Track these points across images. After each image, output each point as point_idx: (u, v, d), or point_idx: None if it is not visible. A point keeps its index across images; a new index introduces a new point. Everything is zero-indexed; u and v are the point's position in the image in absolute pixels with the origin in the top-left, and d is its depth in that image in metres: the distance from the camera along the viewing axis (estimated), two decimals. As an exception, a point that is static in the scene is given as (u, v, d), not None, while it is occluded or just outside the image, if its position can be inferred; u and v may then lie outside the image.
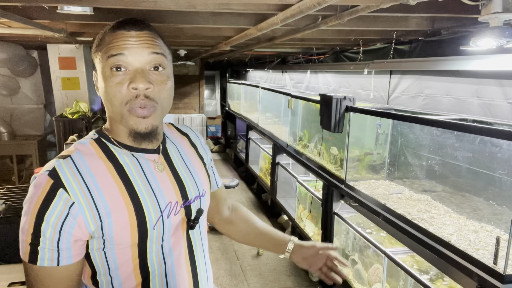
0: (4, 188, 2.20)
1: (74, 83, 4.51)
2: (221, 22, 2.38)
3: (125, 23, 0.83)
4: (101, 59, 0.83)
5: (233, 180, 4.58)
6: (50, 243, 0.78)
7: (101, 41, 0.84)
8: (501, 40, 1.57)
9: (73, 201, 0.79)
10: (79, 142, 0.90)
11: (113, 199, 0.82)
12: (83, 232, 0.80)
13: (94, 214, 0.80)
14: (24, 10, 2.07)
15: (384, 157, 2.82)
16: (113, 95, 0.82)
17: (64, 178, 0.79)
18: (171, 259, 0.91)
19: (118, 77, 0.81)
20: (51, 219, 0.77)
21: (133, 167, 0.87)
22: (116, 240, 0.83)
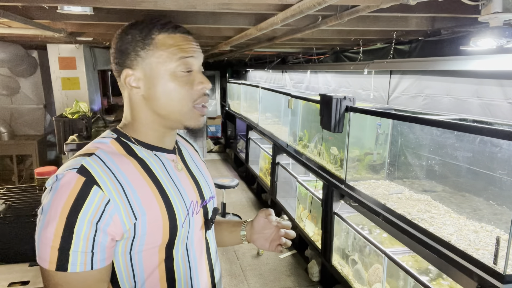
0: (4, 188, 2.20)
1: (74, 83, 4.51)
2: (221, 22, 2.38)
3: (178, 26, 0.86)
4: (162, 60, 0.83)
5: (233, 180, 4.58)
6: (84, 245, 0.73)
7: (149, 41, 0.83)
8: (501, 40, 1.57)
9: (109, 198, 0.75)
10: (97, 141, 0.86)
11: (146, 197, 0.81)
12: (118, 231, 0.77)
13: (128, 212, 0.77)
14: (24, 10, 2.07)
15: (384, 157, 2.82)
16: (184, 95, 0.85)
17: (96, 175, 0.76)
18: (194, 261, 0.91)
19: (188, 78, 0.85)
20: (85, 219, 0.72)
21: (157, 165, 0.87)
22: (148, 239, 0.80)
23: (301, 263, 3.64)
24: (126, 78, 0.84)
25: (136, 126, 0.88)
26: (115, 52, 0.86)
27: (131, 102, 0.87)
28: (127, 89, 0.86)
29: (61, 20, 2.31)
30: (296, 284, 3.29)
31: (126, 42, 0.84)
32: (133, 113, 0.88)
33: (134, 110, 0.87)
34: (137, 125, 0.88)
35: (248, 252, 3.84)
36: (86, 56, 4.51)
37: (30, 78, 5.02)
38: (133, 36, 0.83)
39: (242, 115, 6.41)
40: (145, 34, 0.83)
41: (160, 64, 0.83)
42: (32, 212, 1.86)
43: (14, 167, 5.02)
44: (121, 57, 0.84)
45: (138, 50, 0.83)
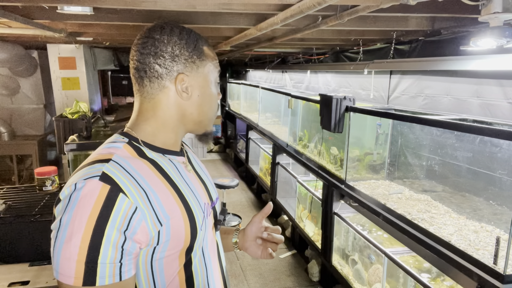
0: (4, 188, 2.20)
1: (74, 83, 4.51)
2: (221, 22, 2.38)
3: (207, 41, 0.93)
4: (210, 71, 0.90)
5: (233, 180, 4.58)
6: (113, 256, 0.70)
7: (201, 51, 0.88)
8: (501, 40, 1.57)
9: (136, 206, 0.73)
10: (110, 146, 0.83)
11: (168, 202, 0.79)
12: (144, 239, 0.75)
13: (153, 218, 0.75)
14: (24, 10, 2.07)
15: (384, 157, 2.82)
16: (215, 103, 0.94)
17: (120, 182, 0.73)
18: (210, 263, 0.92)
19: (218, 88, 0.95)
20: (113, 229, 0.70)
21: (172, 168, 0.86)
22: (171, 245, 0.79)
23: (301, 263, 3.64)
24: (180, 83, 0.85)
25: (157, 129, 0.87)
26: (162, 53, 0.83)
27: (167, 105, 0.86)
28: (171, 93, 0.85)
29: (61, 20, 2.31)
30: (296, 284, 3.29)
31: (181, 47, 0.85)
32: (163, 116, 0.86)
33: (166, 113, 0.86)
34: (160, 127, 0.87)
35: (248, 252, 3.84)
36: (86, 56, 4.51)
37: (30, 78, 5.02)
38: (188, 43, 0.85)
39: (242, 115, 6.41)
40: (196, 43, 0.87)
41: (210, 74, 0.90)
42: (32, 212, 1.86)
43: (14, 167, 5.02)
44: (173, 61, 0.84)
45: (195, 58, 0.86)
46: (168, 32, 0.85)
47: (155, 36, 0.84)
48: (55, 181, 2.17)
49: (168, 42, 0.84)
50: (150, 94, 0.86)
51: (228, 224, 4.31)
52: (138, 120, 0.87)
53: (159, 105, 0.86)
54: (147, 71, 0.84)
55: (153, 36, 0.84)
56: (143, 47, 0.84)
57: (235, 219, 4.46)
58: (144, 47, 0.84)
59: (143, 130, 0.86)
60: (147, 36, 0.85)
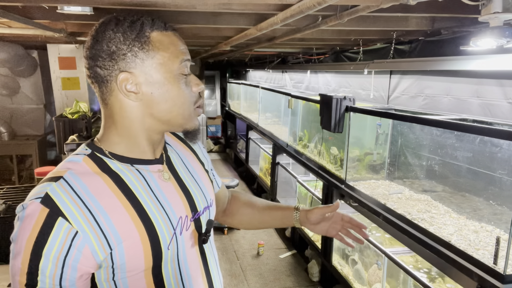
0: (4, 188, 2.20)
1: (74, 83, 4.51)
2: (221, 22, 2.38)
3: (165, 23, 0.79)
4: (165, 61, 0.76)
5: (233, 180, 4.58)
6: (51, 281, 0.68)
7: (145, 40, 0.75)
8: (501, 40, 1.57)
9: (76, 230, 0.69)
10: (70, 160, 0.77)
11: (122, 222, 0.73)
12: (91, 264, 0.71)
13: (101, 241, 0.70)
14: (24, 10, 2.07)
15: (384, 157, 2.82)
16: (186, 98, 0.80)
17: (61, 204, 0.69)
18: (189, 280, 0.84)
19: (187, 80, 0.81)
20: (51, 254, 0.67)
21: (137, 181, 0.78)
22: (129, 267, 0.74)
23: (301, 263, 3.64)
24: (123, 83, 0.75)
25: (120, 136, 0.79)
26: (99, 54, 0.74)
27: (120, 109, 0.77)
28: (120, 95, 0.76)
29: (61, 20, 2.31)
30: (296, 284, 3.29)
31: (117, 41, 0.74)
32: (121, 121, 0.78)
33: (123, 118, 0.78)
34: (123, 134, 0.79)
35: (248, 252, 3.84)
36: (86, 56, 4.51)
37: (30, 78, 5.02)
38: (125, 34, 0.74)
39: (242, 115, 6.41)
40: (138, 31, 0.75)
41: (162, 66, 0.76)
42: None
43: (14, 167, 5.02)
44: (111, 60, 0.74)
45: (136, 51, 0.74)
46: (104, 27, 0.75)
47: (92, 35, 0.76)
48: (55, 181, 2.17)
49: (103, 39, 0.74)
50: (104, 100, 0.78)
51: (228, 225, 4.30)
52: (104, 129, 0.81)
53: (114, 111, 0.78)
54: (92, 75, 0.77)
55: (92, 36, 0.76)
56: (85, 50, 0.77)
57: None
58: (86, 50, 0.77)
59: (108, 140, 0.80)
60: (88, 38, 0.77)
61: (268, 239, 4.13)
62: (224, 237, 4.17)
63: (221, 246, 3.97)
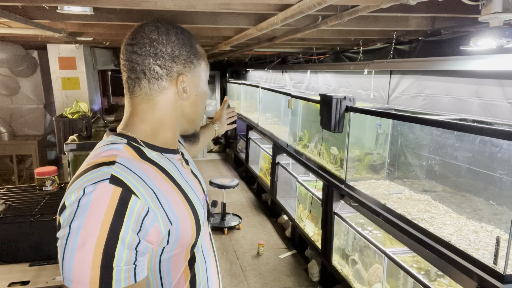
0: (4, 188, 2.20)
1: (74, 83, 4.51)
2: (221, 22, 2.38)
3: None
4: (204, 69, 0.92)
5: (233, 180, 4.58)
6: (127, 258, 0.69)
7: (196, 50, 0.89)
8: (501, 40, 1.57)
9: (148, 207, 0.72)
10: (110, 148, 0.81)
11: (175, 201, 0.80)
12: (157, 239, 0.74)
13: (164, 218, 0.75)
14: (24, 10, 2.07)
15: (384, 157, 2.82)
16: (205, 102, 0.96)
17: (131, 184, 0.72)
18: (208, 255, 0.94)
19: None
20: (128, 231, 0.69)
21: (172, 168, 0.86)
22: (179, 243, 0.80)
23: (301, 263, 3.64)
24: (181, 83, 0.85)
25: (153, 130, 0.86)
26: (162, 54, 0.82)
27: (166, 105, 0.85)
28: (170, 93, 0.85)
29: (61, 20, 2.31)
30: (296, 284, 3.29)
31: (180, 47, 0.84)
32: (163, 116, 0.86)
33: (164, 114, 0.86)
34: (159, 128, 0.86)
35: (248, 252, 3.84)
36: (86, 56, 4.51)
37: (30, 78, 5.02)
38: (185, 43, 0.85)
39: (242, 115, 6.41)
40: (191, 42, 0.87)
41: (203, 72, 0.91)
42: (32, 212, 1.86)
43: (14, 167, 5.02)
44: (173, 61, 0.83)
45: (192, 58, 0.87)
46: (165, 32, 0.83)
47: (152, 36, 0.82)
48: (55, 181, 2.17)
49: (168, 43, 0.82)
50: (149, 96, 0.84)
51: (228, 224, 4.31)
52: (133, 121, 0.86)
53: (158, 106, 0.85)
54: (146, 72, 0.82)
55: (150, 37, 0.82)
56: (140, 48, 0.82)
57: (235, 219, 4.46)
58: (142, 48, 0.81)
59: (141, 131, 0.85)
60: (143, 37, 0.82)
61: (268, 239, 4.13)
62: (224, 237, 4.17)
63: (221, 246, 3.97)
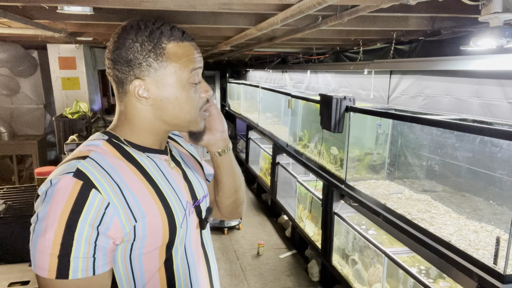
0: (4, 188, 2.20)
1: (74, 83, 4.51)
2: (221, 22, 2.38)
3: (184, 32, 0.85)
4: (175, 71, 0.83)
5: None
6: (85, 250, 0.71)
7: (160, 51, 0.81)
8: (501, 40, 1.57)
9: (108, 202, 0.74)
10: (89, 143, 0.84)
11: (144, 198, 0.80)
12: (118, 234, 0.75)
13: (128, 214, 0.76)
14: (24, 10, 2.07)
15: (384, 157, 2.82)
16: (192, 104, 0.86)
17: (94, 178, 0.74)
18: (193, 261, 0.91)
19: (196, 87, 0.87)
20: (86, 223, 0.71)
21: (152, 166, 0.86)
22: (148, 241, 0.80)
23: (301, 263, 3.64)
24: (136, 89, 0.82)
25: (132, 130, 0.86)
26: (118, 59, 0.81)
27: (133, 109, 0.85)
28: (132, 98, 0.84)
29: (61, 20, 2.31)
30: (296, 284, 3.29)
31: (135, 50, 0.80)
32: (133, 119, 0.86)
33: (134, 116, 0.85)
34: (135, 129, 0.86)
35: (248, 252, 3.84)
36: (86, 56, 4.51)
37: (30, 78, 5.02)
38: (142, 45, 0.80)
39: (242, 115, 6.40)
40: (155, 42, 0.81)
41: (173, 75, 0.83)
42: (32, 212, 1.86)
43: (14, 167, 5.02)
44: (128, 66, 0.81)
45: (150, 62, 0.81)
46: (125, 35, 0.81)
47: (115, 40, 0.82)
48: (55, 181, 2.17)
49: (123, 47, 0.81)
50: (119, 98, 0.86)
51: (228, 224, 4.31)
52: (117, 122, 0.88)
53: (127, 109, 0.86)
54: (112, 76, 0.84)
55: (114, 41, 0.82)
56: (108, 52, 0.83)
57: (235, 219, 4.47)
58: (108, 52, 0.83)
59: (121, 131, 0.87)
60: (111, 40, 0.83)
61: (268, 239, 4.13)
62: (224, 237, 4.17)
63: (221, 246, 3.97)
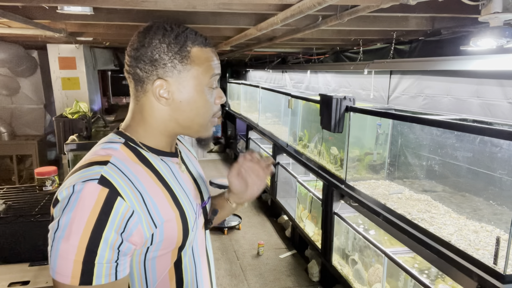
0: (4, 188, 2.20)
1: (74, 83, 4.51)
2: (221, 22, 2.38)
3: (206, 38, 0.87)
4: (198, 75, 0.84)
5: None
6: (110, 256, 0.72)
7: (185, 54, 0.83)
8: (501, 40, 1.57)
9: (133, 210, 0.75)
10: (108, 147, 0.84)
11: (162, 205, 0.81)
12: (140, 240, 0.77)
13: (149, 221, 0.78)
14: (24, 10, 2.07)
15: (384, 157, 2.82)
16: (207, 109, 0.88)
17: (118, 186, 0.75)
18: (199, 260, 0.94)
19: (212, 93, 0.89)
20: (112, 230, 0.72)
21: (166, 170, 0.87)
22: (164, 245, 0.82)
23: (301, 263, 3.64)
24: (158, 88, 0.83)
25: (146, 131, 0.87)
26: (142, 58, 0.82)
27: (150, 108, 0.85)
28: (152, 97, 0.84)
29: (61, 20, 2.31)
30: (296, 284, 3.29)
31: (161, 51, 0.82)
32: (149, 119, 0.86)
33: (151, 116, 0.86)
34: (149, 130, 0.87)
35: (248, 252, 3.84)
36: (86, 56, 4.51)
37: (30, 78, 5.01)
38: (169, 46, 0.82)
39: (242, 115, 6.40)
40: (181, 45, 0.82)
41: (194, 78, 0.84)
42: (32, 212, 1.86)
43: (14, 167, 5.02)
44: (152, 65, 0.82)
45: (175, 63, 0.82)
46: (152, 34, 0.82)
47: (139, 39, 0.83)
48: (55, 181, 2.17)
49: (149, 46, 0.82)
50: (137, 97, 0.86)
51: (228, 224, 4.31)
52: (131, 121, 0.89)
53: (144, 109, 0.86)
54: (132, 74, 0.85)
55: (138, 39, 0.83)
56: (130, 50, 0.84)
57: (235, 219, 4.47)
58: (131, 50, 0.84)
59: (136, 132, 0.87)
60: (135, 40, 0.84)
61: (268, 239, 4.13)
62: (224, 237, 4.17)
63: (221, 246, 3.97)
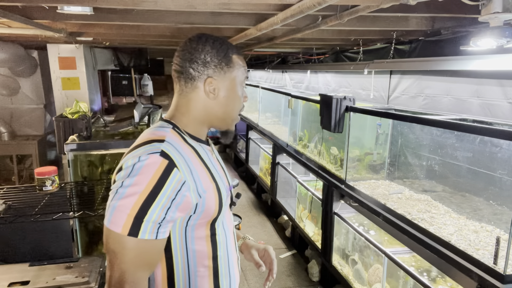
0: (4, 188, 2.20)
1: (74, 83, 4.50)
2: (221, 22, 2.38)
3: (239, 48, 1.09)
4: (237, 76, 1.07)
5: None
6: (157, 216, 0.88)
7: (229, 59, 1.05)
8: (501, 40, 1.57)
9: (185, 180, 0.92)
10: (159, 130, 1.00)
11: (205, 179, 0.99)
12: (187, 207, 0.94)
13: (195, 191, 0.95)
14: (24, 10, 2.07)
15: (384, 157, 2.82)
16: (239, 105, 1.11)
17: (175, 159, 0.92)
18: (229, 235, 1.11)
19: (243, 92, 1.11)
20: (165, 195, 0.88)
21: (204, 154, 1.05)
22: (204, 213, 0.98)
23: (301, 263, 3.63)
24: (208, 85, 1.03)
25: (189, 121, 1.05)
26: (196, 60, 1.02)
27: (197, 102, 1.05)
28: (201, 93, 1.04)
29: (61, 20, 2.31)
30: (296, 284, 3.29)
31: (212, 55, 1.03)
32: (193, 111, 1.05)
33: (195, 109, 1.05)
34: (191, 120, 1.05)
35: (248, 252, 3.84)
36: (86, 56, 4.51)
37: (30, 78, 5.01)
38: (218, 52, 1.03)
39: (242, 115, 6.39)
40: (226, 52, 1.04)
41: (235, 79, 1.07)
42: (32, 212, 1.86)
43: (14, 167, 5.01)
44: (204, 66, 1.02)
45: (223, 65, 1.04)
46: (203, 42, 1.03)
47: (192, 45, 1.03)
48: (55, 181, 2.17)
49: (202, 50, 1.02)
50: (185, 93, 1.05)
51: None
52: (175, 113, 1.06)
53: (191, 102, 1.05)
54: (184, 73, 1.03)
55: (191, 45, 1.03)
56: (182, 54, 1.03)
57: (235, 219, 4.47)
58: (184, 54, 1.03)
59: (180, 121, 1.05)
60: (186, 45, 1.04)
61: (268, 239, 4.13)
62: (224, 237, 4.17)
63: (221, 246, 3.96)
